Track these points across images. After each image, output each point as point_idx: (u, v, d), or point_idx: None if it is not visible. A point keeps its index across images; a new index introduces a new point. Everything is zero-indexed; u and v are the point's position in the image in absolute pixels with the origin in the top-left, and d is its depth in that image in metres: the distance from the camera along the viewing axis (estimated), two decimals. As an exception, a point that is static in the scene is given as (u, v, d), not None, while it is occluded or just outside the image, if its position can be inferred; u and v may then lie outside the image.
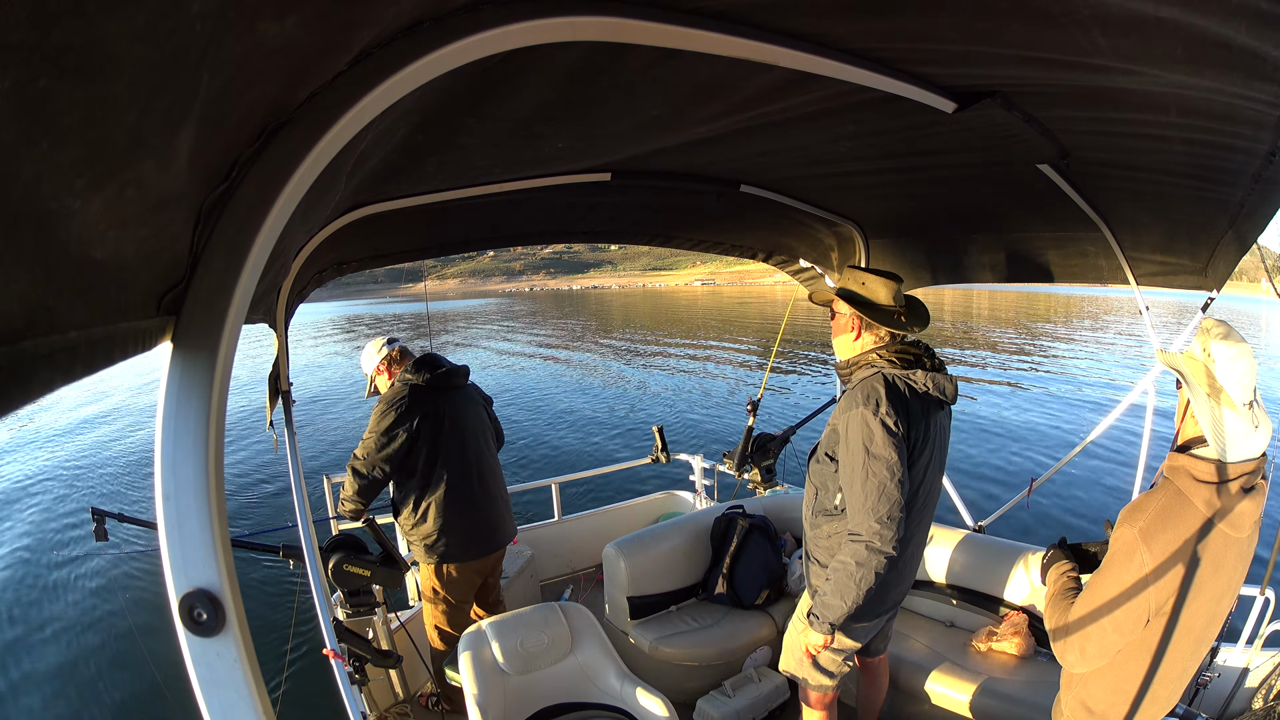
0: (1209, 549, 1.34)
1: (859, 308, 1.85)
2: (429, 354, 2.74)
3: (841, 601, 1.72)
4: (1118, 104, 1.32)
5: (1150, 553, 1.34)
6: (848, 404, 1.77)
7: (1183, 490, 1.36)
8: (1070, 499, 7.17)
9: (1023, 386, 14.51)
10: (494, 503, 2.80)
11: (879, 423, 1.68)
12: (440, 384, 2.66)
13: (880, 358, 1.83)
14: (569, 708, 2.14)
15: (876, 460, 1.67)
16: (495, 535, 2.80)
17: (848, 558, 1.71)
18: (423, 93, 0.77)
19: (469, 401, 2.80)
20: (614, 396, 13.98)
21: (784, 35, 1.00)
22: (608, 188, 2.15)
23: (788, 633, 2.11)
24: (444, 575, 2.67)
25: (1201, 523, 1.33)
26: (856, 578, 1.69)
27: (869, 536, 1.67)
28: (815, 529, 1.93)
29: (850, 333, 1.90)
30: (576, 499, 5.86)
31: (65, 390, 0.47)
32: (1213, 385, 1.33)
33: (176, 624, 0.58)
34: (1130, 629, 1.39)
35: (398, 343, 2.79)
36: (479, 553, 2.73)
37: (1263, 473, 1.38)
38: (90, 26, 0.32)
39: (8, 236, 0.34)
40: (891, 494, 1.66)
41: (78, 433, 12.00)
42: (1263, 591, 2.39)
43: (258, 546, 2.47)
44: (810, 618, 1.83)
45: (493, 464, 2.86)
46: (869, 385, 1.75)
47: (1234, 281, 2.56)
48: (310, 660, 3.71)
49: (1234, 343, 1.32)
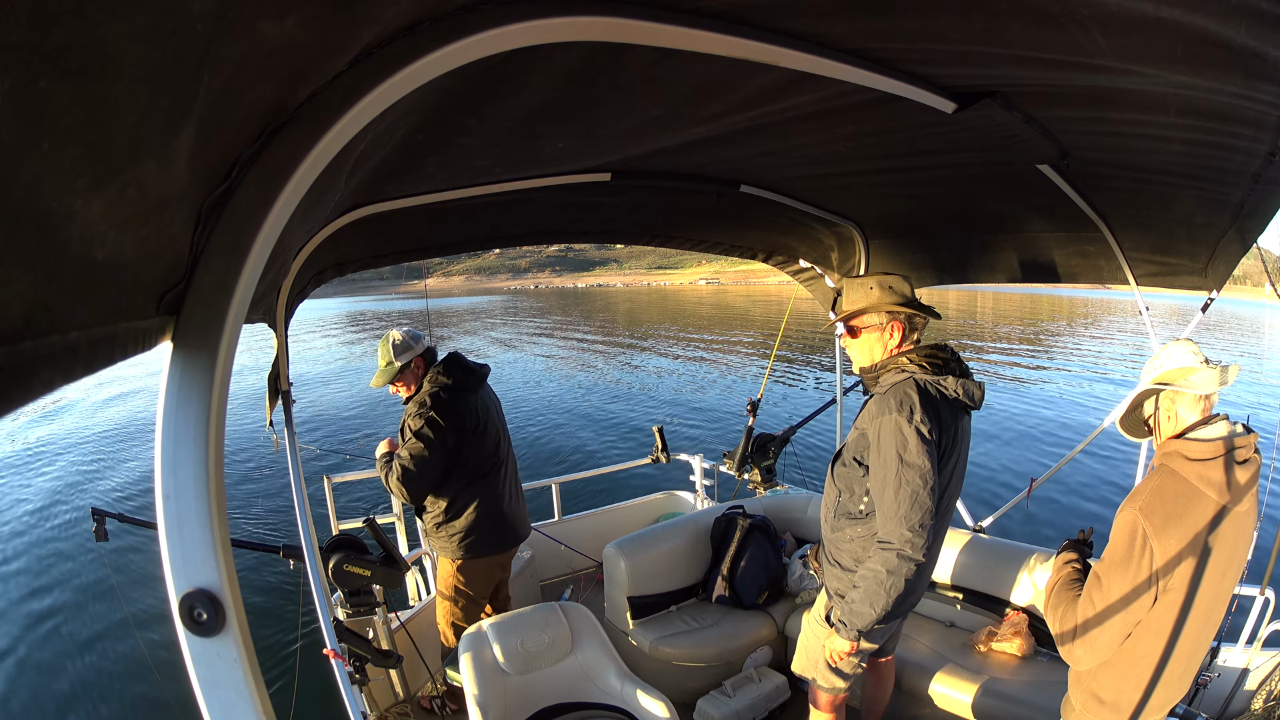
0: (1206, 522, 1.39)
1: (909, 307, 1.81)
2: (454, 354, 2.76)
3: (871, 609, 1.72)
4: (1118, 104, 1.32)
5: (1151, 526, 1.39)
6: (879, 409, 1.74)
7: (1176, 470, 1.43)
8: (1070, 499, 7.17)
9: (1023, 386, 14.51)
10: (518, 497, 2.90)
11: (914, 430, 1.66)
12: (475, 385, 2.72)
13: (911, 361, 1.79)
14: (569, 708, 2.14)
15: (910, 468, 1.65)
16: (519, 529, 2.88)
17: (879, 565, 1.69)
18: (423, 93, 0.77)
19: (492, 399, 2.85)
20: (614, 397, 13.98)
21: (784, 35, 1.00)
22: (607, 188, 2.15)
23: (803, 633, 2.10)
24: (469, 571, 2.72)
25: (1198, 497, 1.40)
26: (887, 585, 1.68)
27: (900, 544, 1.65)
28: (837, 531, 1.91)
29: (880, 332, 1.85)
30: (576, 499, 5.85)
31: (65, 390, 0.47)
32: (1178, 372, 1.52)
33: (176, 624, 0.57)
34: (1140, 608, 1.41)
35: (425, 337, 2.75)
36: (506, 546, 2.82)
37: (1254, 447, 1.46)
38: (91, 27, 0.32)
39: (8, 237, 0.34)
40: (924, 502, 1.64)
41: (78, 433, 12.01)
42: (1263, 591, 2.39)
43: (258, 546, 2.47)
44: (837, 624, 1.82)
45: (514, 459, 2.94)
46: (901, 391, 1.72)
47: (1236, 285, 2.57)
48: (310, 660, 3.71)
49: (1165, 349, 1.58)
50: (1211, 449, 1.41)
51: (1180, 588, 1.39)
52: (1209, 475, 1.39)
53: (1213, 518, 1.39)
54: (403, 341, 2.67)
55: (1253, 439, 1.45)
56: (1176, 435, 1.50)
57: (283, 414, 2.21)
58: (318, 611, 1.63)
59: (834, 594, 1.95)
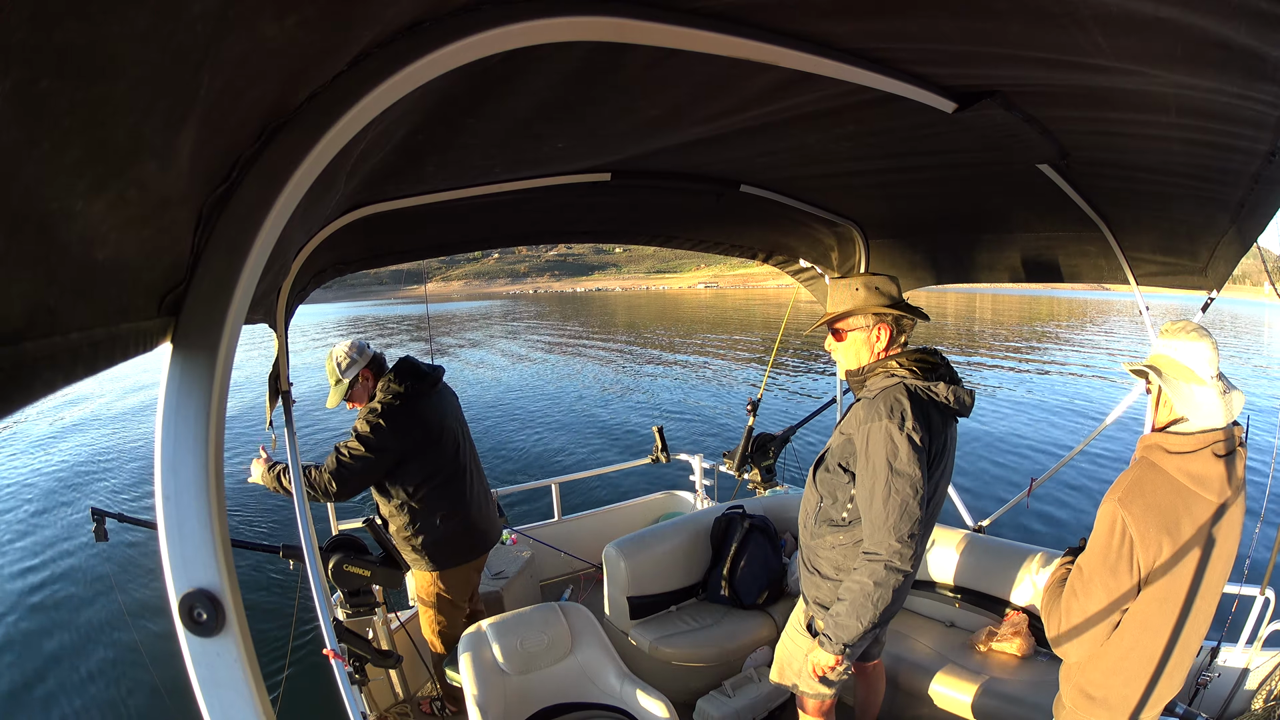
0: (1189, 512, 1.40)
1: (896, 308, 1.76)
2: (406, 359, 2.67)
3: (858, 622, 1.65)
4: (1118, 104, 1.32)
5: (1131, 516, 1.40)
6: (868, 414, 1.67)
7: (1155, 462, 1.44)
8: (1070, 499, 7.17)
9: (1024, 386, 14.51)
10: (484, 501, 2.82)
11: (905, 438, 1.60)
12: (426, 390, 2.62)
13: (900, 365, 1.74)
14: (569, 708, 2.14)
15: (900, 477, 1.59)
16: (489, 533, 2.83)
17: (865, 578, 1.64)
18: (423, 93, 0.77)
19: (448, 401, 2.76)
20: (614, 397, 13.98)
21: (784, 35, 1.00)
22: (607, 188, 2.14)
23: (781, 642, 2.07)
24: (446, 579, 2.66)
25: (1178, 489, 1.40)
26: (874, 598, 1.62)
27: (888, 555, 1.60)
28: (817, 538, 1.86)
29: (867, 335, 1.80)
30: (576, 499, 5.85)
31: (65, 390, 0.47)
32: (1182, 370, 1.45)
33: (176, 624, 0.58)
34: (1123, 598, 1.42)
35: (368, 346, 2.66)
36: (477, 554, 2.75)
37: (1240, 439, 1.46)
38: (92, 27, 0.32)
39: (10, 238, 0.34)
40: (914, 512, 1.59)
41: (77, 433, 12.00)
42: (1263, 591, 2.39)
43: (258, 546, 2.47)
44: (822, 638, 1.76)
45: (478, 462, 2.88)
46: (891, 397, 1.66)
47: (1236, 285, 2.58)
48: (310, 660, 3.71)
49: (1191, 331, 1.47)
50: (1192, 442, 1.41)
51: (1164, 580, 1.40)
52: (1189, 468, 1.40)
53: (1195, 509, 1.39)
54: (346, 356, 2.57)
55: (1236, 431, 1.45)
56: (1160, 428, 1.50)
57: (283, 414, 2.21)
58: (317, 611, 1.62)
59: (812, 602, 1.90)
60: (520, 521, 4.07)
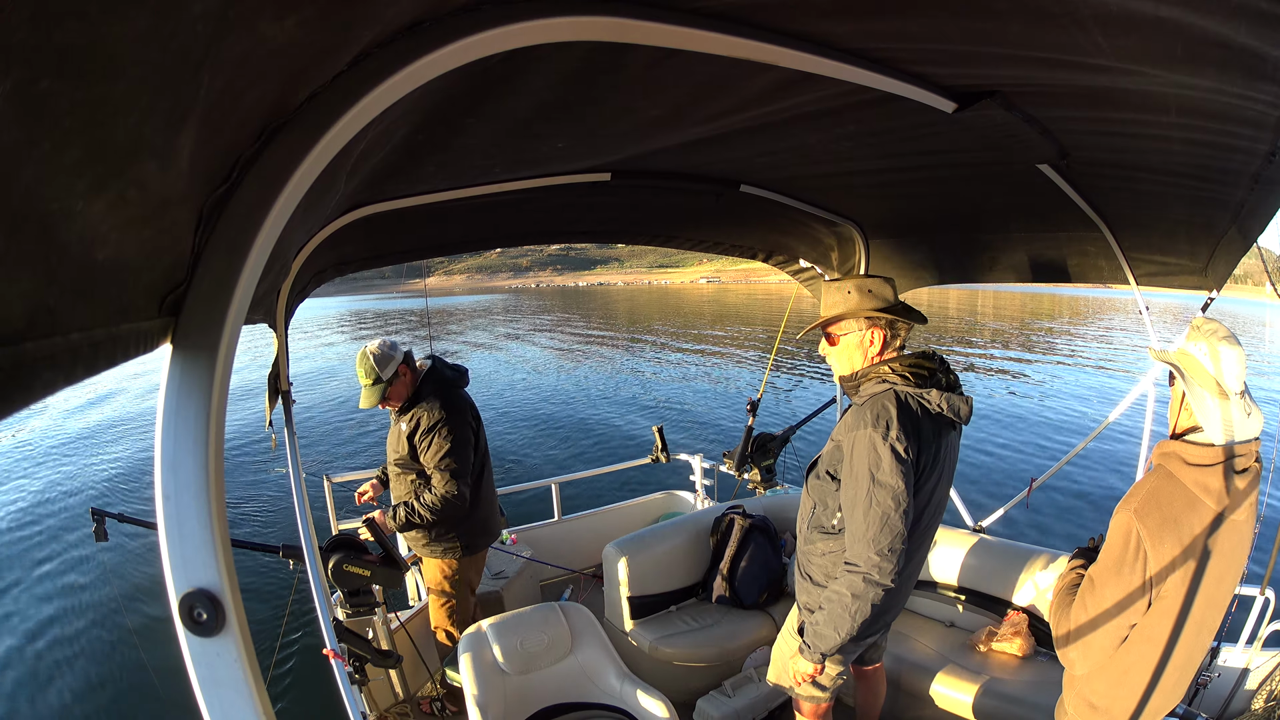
0: (1203, 528, 1.37)
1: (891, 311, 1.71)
2: (435, 357, 2.81)
3: (835, 633, 1.65)
4: (1118, 104, 1.32)
5: (1146, 529, 1.37)
6: (855, 421, 1.64)
7: (1174, 473, 1.40)
8: (1071, 499, 7.17)
9: (1024, 386, 14.51)
10: (495, 494, 3.00)
11: (888, 448, 1.56)
12: (464, 384, 2.82)
13: (893, 371, 1.69)
14: (569, 708, 2.14)
15: (882, 488, 1.56)
16: (498, 524, 2.99)
17: (843, 589, 1.62)
18: (423, 93, 0.77)
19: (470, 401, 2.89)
20: (614, 396, 13.97)
21: (784, 35, 1.00)
22: (607, 187, 2.15)
23: (777, 644, 2.06)
24: (461, 567, 2.77)
25: (1194, 502, 1.37)
26: (852, 610, 1.60)
27: (867, 568, 1.58)
28: (810, 544, 1.85)
29: (860, 336, 1.75)
30: (576, 499, 5.86)
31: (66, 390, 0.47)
32: (1206, 377, 1.40)
33: (176, 624, 0.58)
34: (1134, 612, 1.40)
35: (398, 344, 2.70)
36: (490, 540, 2.95)
37: (1255, 456, 1.42)
38: (92, 28, 0.32)
39: (10, 238, 0.34)
40: (895, 525, 1.55)
41: (77, 432, 12.00)
42: (1263, 591, 2.39)
43: (258, 546, 2.47)
44: (801, 646, 1.76)
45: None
46: (879, 404, 1.62)
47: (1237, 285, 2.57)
48: (310, 660, 3.72)
49: (1224, 337, 1.41)
50: (1211, 454, 1.37)
51: (1175, 594, 1.37)
52: (1206, 481, 1.36)
53: (1209, 524, 1.36)
54: (382, 353, 2.56)
55: (1254, 447, 1.41)
56: (1178, 435, 1.46)
57: (283, 414, 2.21)
58: (317, 611, 1.62)
59: (803, 607, 1.90)
60: (520, 521, 4.07)
